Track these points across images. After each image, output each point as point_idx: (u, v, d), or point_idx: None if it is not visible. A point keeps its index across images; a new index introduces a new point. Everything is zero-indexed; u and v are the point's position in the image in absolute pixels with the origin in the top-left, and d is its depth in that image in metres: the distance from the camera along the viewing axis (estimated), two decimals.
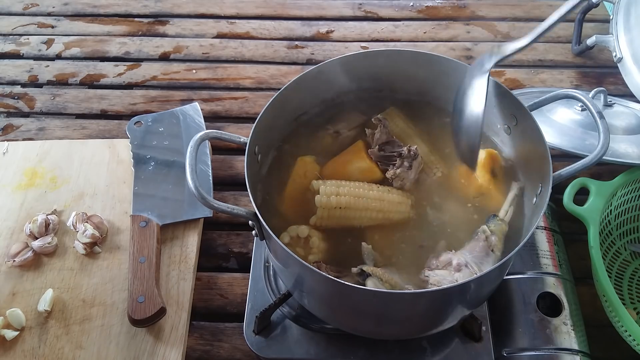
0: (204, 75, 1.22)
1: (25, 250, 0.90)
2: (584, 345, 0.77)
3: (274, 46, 1.28)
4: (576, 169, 0.70)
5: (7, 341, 0.82)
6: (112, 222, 0.95)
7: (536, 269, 0.82)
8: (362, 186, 0.76)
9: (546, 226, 0.88)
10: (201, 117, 1.07)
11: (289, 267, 0.70)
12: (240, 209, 0.66)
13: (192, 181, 0.63)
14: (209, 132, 0.69)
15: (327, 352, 0.77)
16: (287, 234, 0.74)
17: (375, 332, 0.76)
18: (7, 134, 1.12)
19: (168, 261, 0.90)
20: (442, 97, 0.85)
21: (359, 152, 0.81)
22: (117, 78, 1.22)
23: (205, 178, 0.98)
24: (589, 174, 0.97)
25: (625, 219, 0.92)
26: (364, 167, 0.80)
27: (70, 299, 0.86)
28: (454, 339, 0.78)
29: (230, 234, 0.97)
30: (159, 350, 0.81)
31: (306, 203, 0.77)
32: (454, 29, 1.31)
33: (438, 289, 0.61)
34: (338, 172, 0.79)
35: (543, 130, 0.71)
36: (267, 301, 0.80)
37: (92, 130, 1.12)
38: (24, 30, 1.32)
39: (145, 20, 1.34)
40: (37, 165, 1.02)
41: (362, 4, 1.37)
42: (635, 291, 0.89)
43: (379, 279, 0.69)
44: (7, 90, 1.20)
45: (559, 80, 1.19)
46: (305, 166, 0.81)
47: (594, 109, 0.69)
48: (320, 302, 0.74)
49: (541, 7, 1.35)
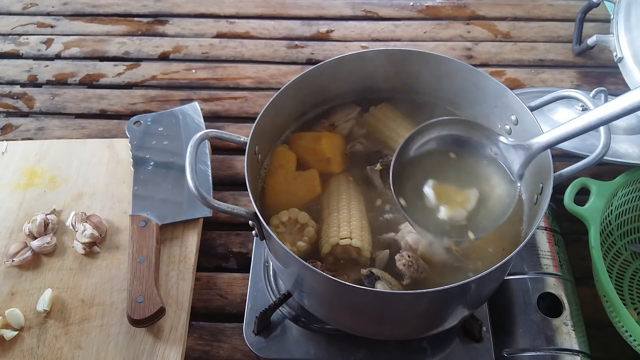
0: (203, 75, 1.22)
1: (24, 250, 0.90)
2: (585, 345, 0.77)
3: (273, 46, 1.28)
4: (577, 169, 0.70)
5: (6, 341, 0.81)
6: (112, 222, 0.95)
7: (537, 270, 0.82)
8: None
9: (547, 226, 0.87)
10: (201, 117, 1.07)
11: (289, 267, 0.69)
12: (240, 209, 0.66)
13: (192, 181, 0.63)
14: (208, 131, 0.69)
15: (327, 352, 0.77)
16: (278, 217, 0.74)
17: (375, 333, 0.75)
18: (6, 133, 1.12)
19: (167, 261, 0.90)
20: (443, 97, 0.85)
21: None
22: (116, 78, 1.22)
23: (205, 178, 0.98)
24: (590, 174, 0.96)
25: (626, 219, 0.92)
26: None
27: (69, 299, 0.86)
28: (454, 340, 0.77)
29: (230, 234, 0.97)
30: (158, 351, 0.81)
31: (289, 193, 0.78)
32: (454, 28, 1.31)
33: (438, 289, 0.61)
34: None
35: (544, 130, 0.71)
36: (267, 301, 0.80)
37: (91, 130, 1.12)
38: (23, 30, 1.32)
39: (144, 20, 1.34)
40: (36, 165, 1.02)
41: (362, 4, 1.37)
42: (635, 291, 0.89)
43: (388, 282, 0.68)
44: (6, 90, 1.19)
45: (560, 80, 1.19)
46: (279, 157, 0.81)
47: None
48: (320, 302, 0.74)
49: (541, 7, 1.35)
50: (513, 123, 0.77)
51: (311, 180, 0.80)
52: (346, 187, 0.79)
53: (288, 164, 0.81)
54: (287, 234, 0.74)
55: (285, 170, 0.80)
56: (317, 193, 0.79)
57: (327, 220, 0.75)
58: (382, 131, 0.84)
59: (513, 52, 1.25)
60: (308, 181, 0.80)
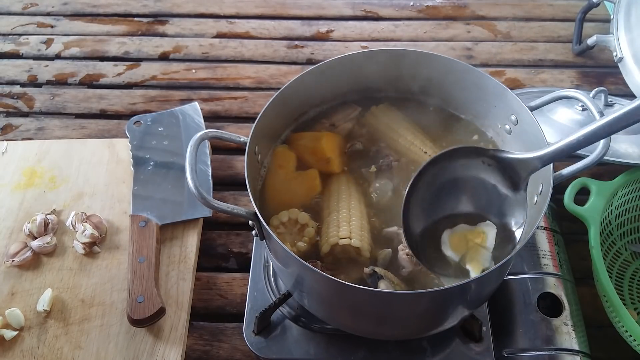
0: (203, 75, 1.22)
1: (24, 250, 0.90)
2: (585, 345, 0.77)
3: (273, 46, 1.27)
4: (577, 169, 0.70)
5: (6, 341, 0.81)
6: (112, 222, 0.95)
7: (537, 270, 0.82)
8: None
9: (547, 226, 0.87)
10: (201, 117, 1.07)
11: (289, 267, 0.69)
12: (240, 209, 0.66)
13: (192, 181, 0.63)
14: (209, 131, 0.69)
15: (327, 352, 0.77)
16: (278, 218, 0.74)
17: (375, 333, 0.75)
18: (6, 133, 1.12)
19: (167, 261, 0.90)
20: (443, 97, 0.85)
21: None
22: (116, 78, 1.22)
23: (205, 178, 0.98)
24: (590, 174, 0.96)
25: (626, 219, 0.92)
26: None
27: (69, 299, 0.86)
28: (454, 340, 0.77)
29: (230, 234, 0.97)
30: (158, 351, 0.81)
31: (288, 193, 0.78)
32: (454, 28, 1.31)
33: (438, 289, 0.61)
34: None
35: (544, 130, 0.71)
36: (267, 301, 0.80)
37: (91, 130, 1.12)
38: (23, 30, 1.32)
39: (144, 20, 1.34)
40: (36, 165, 1.02)
41: (362, 4, 1.37)
42: (635, 291, 0.89)
43: (390, 281, 0.68)
44: (6, 90, 1.19)
45: (560, 80, 1.19)
46: (279, 156, 0.81)
47: (595, 108, 0.69)
48: (320, 302, 0.74)
49: (541, 7, 1.35)
50: (513, 123, 0.77)
51: (311, 180, 0.80)
52: (346, 187, 0.79)
53: (288, 163, 0.81)
54: (287, 234, 0.74)
55: (285, 170, 0.80)
56: (317, 193, 0.79)
57: (327, 220, 0.75)
58: (382, 131, 0.85)
59: (513, 52, 1.25)
60: (308, 181, 0.80)
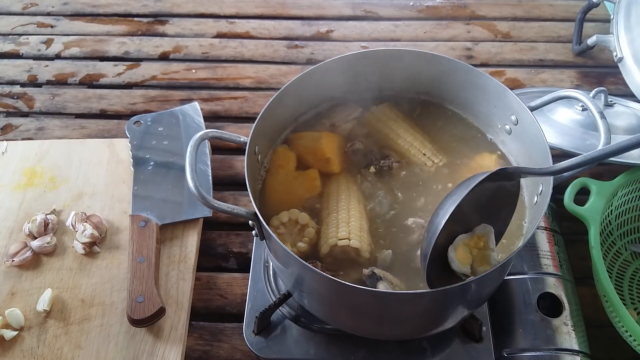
0: (203, 75, 1.22)
1: (24, 250, 0.90)
2: (585, 345, 0.77)
3: (273, 46, 1.27)
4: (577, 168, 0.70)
5: (6, 341, 0.81)
6: (111, 221, 0.95)
7: (537, 270, 0.82)
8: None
9: (547, 226, 0.87)
10: (201, 117, 1.07)
11: (289, 267, 0.69)
12: (240, 209, 0.66)
13: (192, 181, 0.63)
14: (209, 131, 0.69)
15: (327, 352, 0.77)
16: (278, 218, 0.74)
17: (375, 333, 0.75)
18: (6, 133, 1.12)
19: (167, 261, 0.90)
20: (443, 97, 0.85)
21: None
22: (116, 78, 1.22)
23: (205, 178, 0.98)
24: (590, 174, 0.96)
25: (626, 219, 0.92)
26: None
27: (69, 299, 0.86)
28: (454, 340, 0.77)
29: (230, 234, 0.97)
30: (158, 351, 0.81)
31: (288, 193, 0.78)
32: (454, 28, 1.31)
33: (438, 290, 0.61)
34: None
35: (544, 130, 0.71)
36: (267, 301, 0.80)
37: (91, 130, 1.12)
38: (23, 30, 1.32)
39: (144, 20, 1.34)
40: (36, 165, 1.02)
41: (362, 4, 1.37)
42: (635, 291, 0.89)
43: (390, 282, 0.68)
44: (6, 90, 1.19)
45: (560, 80, 1.19)
46: (279, 156, 0.81)
47: (595, 108, 0.69)
48: (320, 302, 0.74)
49: (541, 7, 1.35)
50: (513, 123, 0.77)
51: (311, 180, 0.80)
52: (346, 187, 0.79)
53: (288, 163, 0.81)
54: (288, 235, 0.74)
55: (285, 170, 0.80)
56: (317, 193, 0.79)
57: (327, 221, 0.75)
58: (382, 131, 0.85)
59: (513, 52, 1.25)
60: (308, 181, 0.80)
